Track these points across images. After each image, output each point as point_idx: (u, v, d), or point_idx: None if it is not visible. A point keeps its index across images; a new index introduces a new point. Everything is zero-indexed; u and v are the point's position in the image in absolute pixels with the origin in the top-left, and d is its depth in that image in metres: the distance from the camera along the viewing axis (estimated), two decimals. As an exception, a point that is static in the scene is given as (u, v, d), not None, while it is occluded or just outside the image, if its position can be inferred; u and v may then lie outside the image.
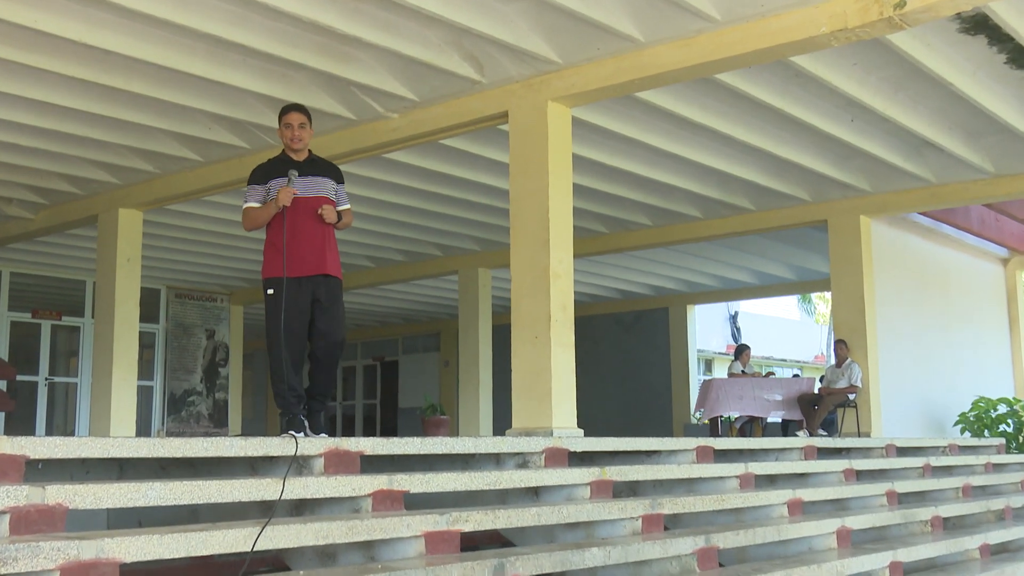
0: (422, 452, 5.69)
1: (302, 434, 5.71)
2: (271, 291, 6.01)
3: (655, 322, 21.05)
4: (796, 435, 11.94)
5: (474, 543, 5.39)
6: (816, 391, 13.09)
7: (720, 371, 25.72)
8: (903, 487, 9.01)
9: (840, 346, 12.52)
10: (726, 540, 6.18)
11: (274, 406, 7.04)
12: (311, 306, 6.06)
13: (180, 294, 19.00)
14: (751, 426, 13.80)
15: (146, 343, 17.40)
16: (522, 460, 6.33)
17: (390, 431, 24.01)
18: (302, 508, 4.83)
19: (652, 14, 7.34)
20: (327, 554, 4.63)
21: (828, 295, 22.85)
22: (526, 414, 7.94)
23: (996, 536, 8.66)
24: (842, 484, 8.61)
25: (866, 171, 11.88)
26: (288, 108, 6.32)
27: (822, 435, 12.12)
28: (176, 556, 3.83)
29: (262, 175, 6.21)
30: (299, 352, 6.07)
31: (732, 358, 15.30)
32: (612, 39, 7.62)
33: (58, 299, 17.42)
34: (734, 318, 28.03)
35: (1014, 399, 14.91)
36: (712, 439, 7.85)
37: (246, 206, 6.19)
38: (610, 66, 7.91)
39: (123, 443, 4.40)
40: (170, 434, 17.90)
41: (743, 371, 14.24)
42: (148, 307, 15.89)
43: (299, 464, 4.94)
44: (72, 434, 16.53)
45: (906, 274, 14.28)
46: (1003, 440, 12.57)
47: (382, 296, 20.47)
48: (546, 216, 8.04)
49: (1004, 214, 15.68)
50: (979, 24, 7.91)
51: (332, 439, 5.15)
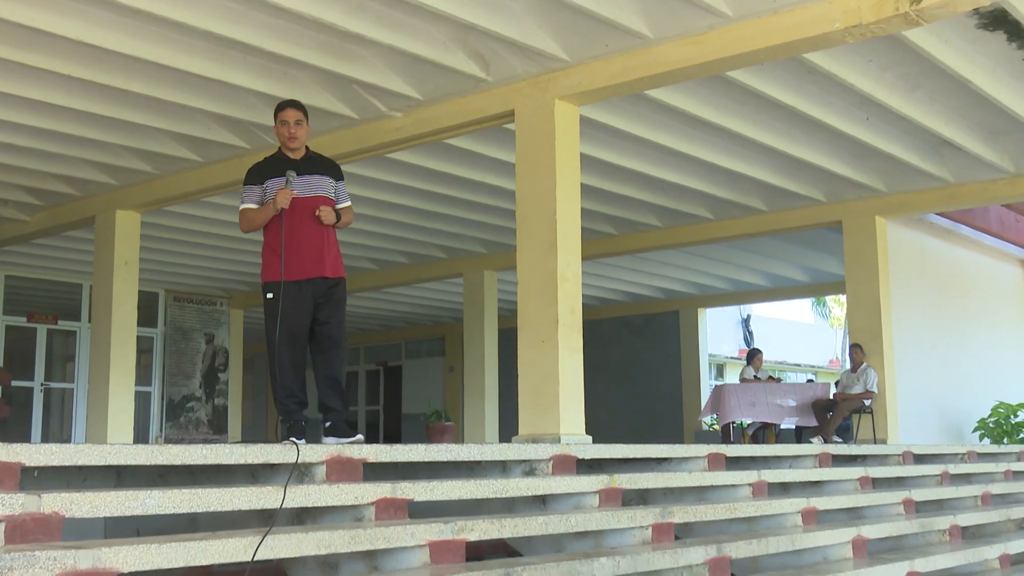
0: (426, 459, 5.69)
1: (303, 441, 5.71)
2: (270, 295, 6.01)
3: (665, 326, 21.03)
4: (810, 442, 11.93)
5: (480, 553, 5.39)
6: (831, 397, 13.07)
7: (732, 376, 25.70)
8: (920, 495, 9.00)
9: (855, 350, 12.50)
10: (738, 550, 6.17)
11: (274, 412, 7.05)
12: (312, 309, 6.06)
13: (179, 298, 19.03)
14: (764, 433, 13.80)
15: (144, 348, 17.42)
16: (529, 467, 6.34)
17: (393, 438, 24.02)
18: (303, 517, 4.84)
19: (662, 10, 7.34)
20: (329, 564, 4.63)
21: (843, 298, 22.83)
22: (533, 420, 7.94)
23: (1016, 545, 8.65)
24: (858, 492, 8.60)
25: (882, 171, 11.87)
26: (284, 105, 6.22)
27: (837, 442, 12.10)
28: (175, 566, 3.84)
29: (258, 175, 6.17)
30: (299, 357, 6.07)
31: (744, 363, 15.28)
32: (621, 36, 7.62)
33: (54, 303, 17.47)
34: (746, 322, 27.98)
35: (1034, 404, 14.89)
36: (724, 446, 7.85)
37: (243, 207, 6.17)
38: (619, 63, 7.91)
39: (120, 450, 4.41)
40: (168, 441, 17.92)
41: (756, 376, 14.23)
42: (146, 311, 15.91)
43: (300, 472, 4.94)
44: (68, 441, 16.55)
45: (923, 276, 14.26)
46: (1023, 447, 12.55)
47: (385, 299, 20.48)
48: (553, 217, 8.04)
49: (1024, 215, 15.70)
50: (998, 20, 7.90)
51: (335, 446, 5.15)
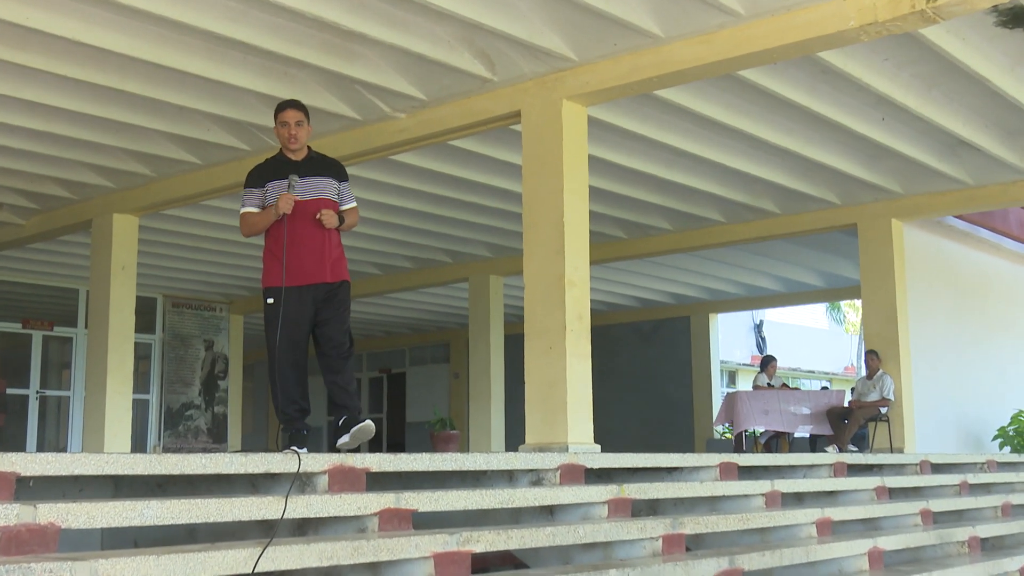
0: (431, 469, 5.69)
1: (304, 450, 5.72)
2: (271, 300, 6.01)
3: (676, 332, 21.01)
4: (825, 451, 11.92)
5: (485, 564, 5.40)
6: (846, 404, 13.05)
7: (744, 383, 25.66)
8: (938, 506, 8.98)
9: (871, 357, 12.48)
10: (751, 562, 6.16)
11: (275, 421, 7.04)
12: (313, 315, 6.06)
13: (177, 303, 19.06)
14: (777, 441, 13.77)
15: (142, 354, 17.47)
16: (536, 477, 6.33)
17: (397, 447, 24.01)
18: (305, 528, 4.84)
19: (672, 8, 7.34)
20: (331, 576, 4.64)
21: (858, 303, 22.78)
22: (540, 429, 7.94)
23: (1037, 558, 8.62)
24: (874, 502, 8.59)
25: (898, 172, 11.85)
26: (283, 105, 6.21)
27: (852, 451, 12.08)
28: (173, 578, 3.84)
29: (258, 177, 6.16)
30: (300, 363, 6.06)
31: (757, 370, 15.28)
32: (630, 34, 7.62)
33: (50, 308, 17.50)
34: (759, 327, 27.97)
35: (1056, 413, 14.84)
36: (736, 455, 7.85)
37: (243, 211, 6.17)
38: (628, 63, 7.91)
39: (118, 459, 4.41)
40: (167, 450, 17.94)
41: (769, 383, 14.22)
42: (144, 317, 15.92)
43: (302, 481, 4.95)
44: (64, 450, 16.58)
45: (941, 281, 14.23)
46: (1045, 456, 12.52)
47: (389, 305, 20.50)
48: (561, 220, 8.04)
49: (1045, 217, 15.64)
50: (1017, 17, 7.89)
51: (337, 455, 5.15)
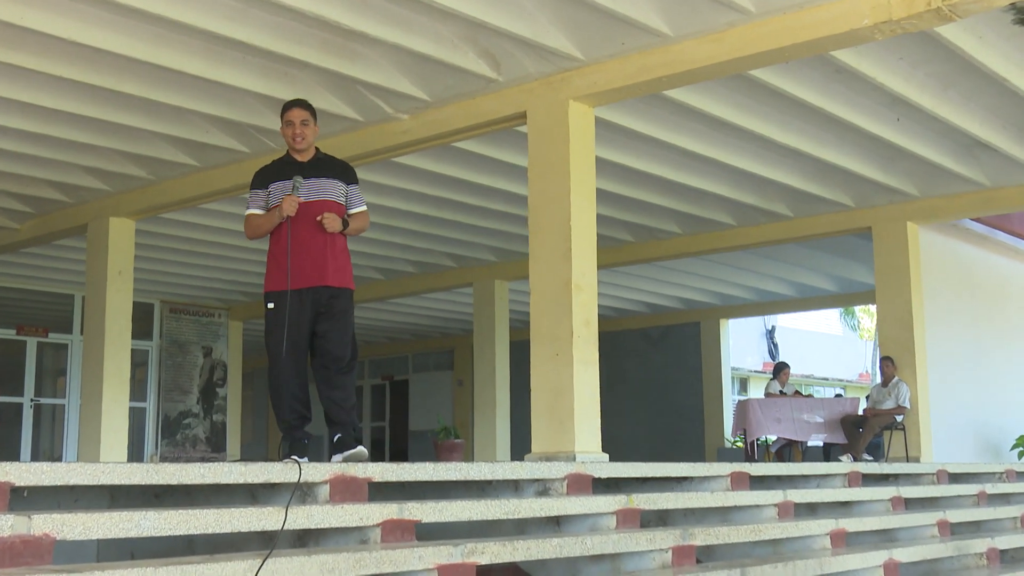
0: (435, 478, 5.69)
1: (305, 459, 5.72)
2: (271, 305, 6.02)
3: (686, 338, 20.99)
4: (839, 460, 11.90)
5: (491, 577, 5.38)
6: (860, 412, 13.03)
7: (756, 391, 25.64)
8: (956, 516, 8.95)
9: (886, 363, 12.46)
10: (763, 574, 6.15)
11: (275, 430, 7.06)
12: (313, 320, 6.05)
13: (175, 309, 19.08)
14: (790, 450, 13.75)
15: (139, 361, 17.49)
16: (542, 487, 6.33)
17: (400, 456, 24.01)
18: (306, 539, 4.84)
19: (681, 6, 7.34)
20: (333, 588, 4.63)
21: (873, 308, 22.73)
22: (546, 437, 7.93)
23: (1058, 570, 8.60)
24: (889, 513, 8.56)
25: (914, 174, 11.84)
26: (289, 104, 6.24)
27: (867, 460, 12.06)
28: (171, 591, 3.84)
29: (263, 179, 6.19)
30: (301, 369, 6.07)
31: (769, 377, 15.26)
32: (638, 33, 7.62)
33: (45, 315, 17.52)
34: (771, 333, 27.95)
35: (1077, 421, 14.82)
36: (748, 464, 7.82)
37: (247, 213, 6.20)
38: (636, 62, 7.91)
39: (114, 469, 4.41)
40: (164, 459, 17.95)
41: (781, 391, 14.20)
42: (141, 323, 15.99)
43: (303, 492, 4.94)
44: (59, 459, 16.60)
45: (958, 285, 14.20)
46: (1065, 465, 12.48)
47: (391, 310, 20.50)
48: (568, 224, 8.04)
49: (1065, 220, 15.60)
50: (1035, 15, 7.89)
51: (339, 465, 5.15)
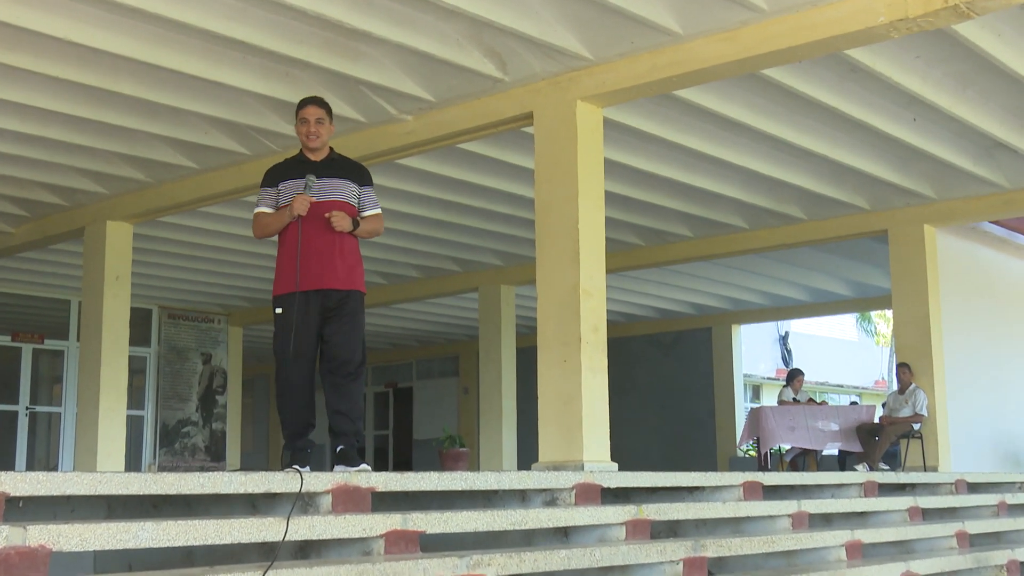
0: (439, 488, 5.69)
1: (307, 468, 5.72)
2: (279, 309, 6.01)
3: (697, 344, 20.98)
4: (855, 469, 11.87)
5: (497, 589, 5.38)
6: (876, 420, 13.00)
7: (769, 398, 25.60)
8: (975, 527, 8.94)
9: (903, 370, 12.44)
10: (777, 586, 6.15)
11: (276, 438, 7.07)
12: (320, 324, 6.05)
13: (173, 315, 19.11)
14: (804, 459, 13.73)
15: (136, 368, 17.50)
16: (550, 497, 6.32)
17: (404, 465, 24.02)
18: (308, 550, 4.84)
19: (692, 4, 7.34)
20: (335, 601, 4.63)
21: (889, 314, 22.70)
22: (554, 446, 7.92)
23: (1080, 582, 8.58)
24: (906, 524, 8.55)
25: (931, 176, 11.82)
26: (304, 102, 6.24)
27: (883, 469, 12.04)
28: (169, 603, 3.85)
29: (273, 177, 6.19)
30: (306, 374, 6.03)
31: (783, 384, 15.23)
32: (648, 32, 7.63)
33: (40, 320, 17.55)
34: (784, 339, 27.90)
35: (1100, 429, 14.77)
36: (761, 474, 7.82)
37: (256, 211, 6.19)
38: (645, 62, 7.91)
39: (111, 479, 4.42)
40: (162, 469, 17.97)
41: (795, 398, 14.17)
42: (139, 329, 16.01)
43: (304, 502, 4.95)
44: (55, 469, 16.62)
45: (976, 290, 14.18)
46: (1087, 475, 12.45)
47: (395, 316, 20.50)
48: (575, 227, 8.04)
49: (1087, 222, 15.57)
50: (1056, 12, 7.88)
51: (341, 475, 5.15)
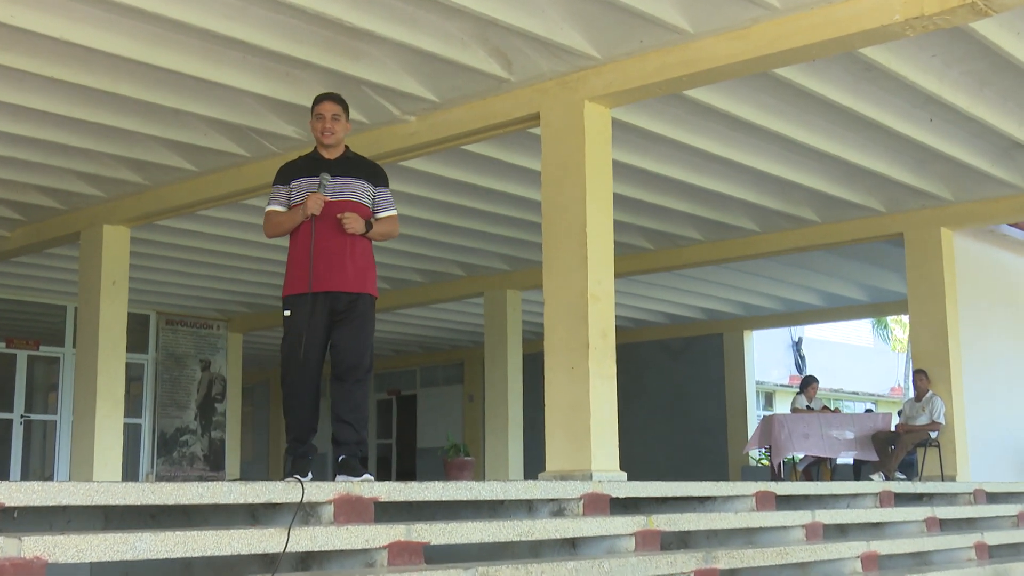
0: (444, 498, 5.68)
1: (308, 477, 5.71)
2: (287, 313, 6.00)
3: (708, 350, 20.96)
4: (870, 478, 11.86)
5: (503, 602, 5.37)
6: (893, 428, 12.99)
7: (782, 406, 25.57)
8: (994, 538, 8.91)
9: (920, 377, 12.42)
10: (791, 599, 6.14)
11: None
12: (329, 327, 6.03)
13: (172, 320, 19.13)
14: (818, 468, 13.71)
15: (133, 376, 17.50)
16: (557, 507, 6.32)
17: (408, 475, 24.01)
18: (309, 561, 4.84)
19: (702, 2, 7.34)
20: (337, 614, 4.63)
21: (905, 319, 22.68)
22: (562, 455, 7.92)
23: (1103, 595, 8.55)
24: (924, 535, 8.53)
25: (947, 177, 11.81)
26: (320, 97, 6.23)
27: (900, 478, 12.02)
28: (167, 616, 3.85)
29: (286, 174, 6.17)
30: (312, 378, 6.01)
31: (796, 391, 15.21)
32: (657, 30, 7.63)
33: (36, 326, 17.57)
34: (797, 345, 27.89)
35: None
36: (774, 483, 7.82)
37: (268, 209, 6.18)
38: (655, 61, 7.91)
39: (108, 489, 4.42)
40: (160, 478, 17.98)
41: (809, 406, 14.15)
42: (136, 335, 15.99)
43: (306, 512, 4.95)
44: (51, 479, 16.64)
45: (995, 294, 14.15)
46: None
47: (398, 322, 20.50)
48: (583, 230, 8.04)
49: (1109, 225, 15.53)
50: (1076, 9, 7.87)
51: (343, 484, 5.16)
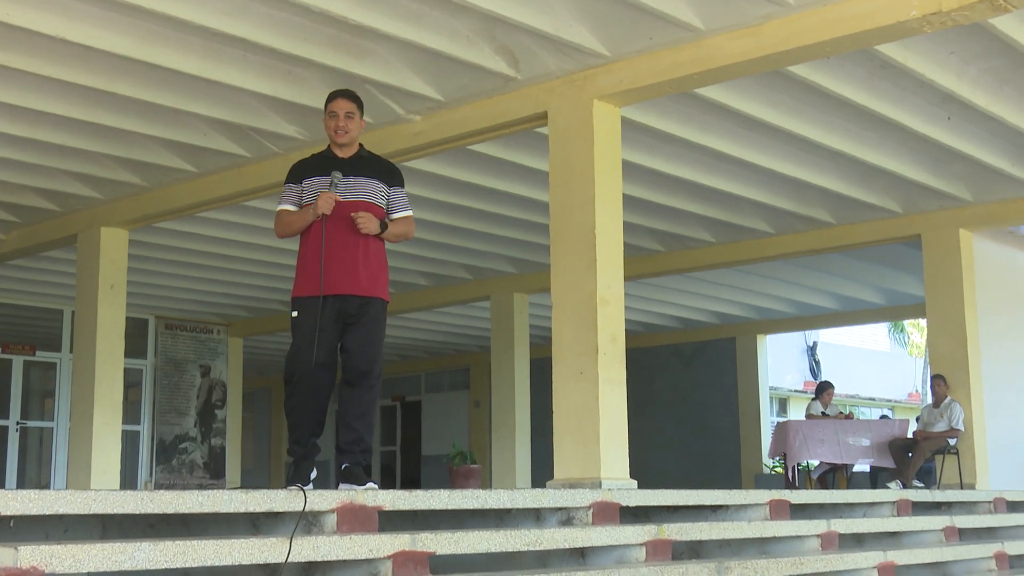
0: (450, 507, 5.68)
1: (311, 485, 5.72)
2: (295, 314, 5.99)
3: (720, 355, 20.95)
4: (887, 487, 11.83)
5: (510, 613, 5.37)
6: (910, 435, 12.96)
7: (797, 412, 25.55)
8: (1015, 548, 8.89)
9: (938, 382, 12.39)
10: (806, 610, 6.13)
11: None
12: (340, 331, 6.00)
13: (171, 325, 19.15)
14: (833, 476, 13.69)
15: (132, 381, 17.53)
16: (566, 516, 6.32)
17: (412, 483, 24.02)
18: (312, 572, 4.84)
19: (714, -2, 7.36)
20: (340, 626, 4.63)
21: (923, 323, 22.66)
22: (570, 463, 7.92)
23: None
24: (942, 544, 8.52)
25: (966, 177, 11.79)
26: (334, 94, 6.23)
27: (918, 486, 11.99)
28: (167, 628, 3.85)
29: (297, 173, 6.17)
30: (320, 383, 5.98)
31: (811, 397, 15.19)
32: (667, 27, 7.63)
33: (32, 331, 17.60)
34: (812, 350, 27.86)
35: None
36: (788, 492, 7.80)
37: (278, 209, 6.18)
38: (665, 59, 7.91)
39: (106, 497, 4.43)
40: (159, 486, 18.00)
41: (824, 412, 14.13)
42: (134, 340, 16.01)
43: (308, 521, 4.95)
44: (48, 487, 16.66)
45: (1015, 297, 14.12)
46: None
47: (403, 326, 20.50)
48: (592, 232, 8.05)
49: None
50: (1098, 5, 7.85)
51: (346, 492, 5.16)
